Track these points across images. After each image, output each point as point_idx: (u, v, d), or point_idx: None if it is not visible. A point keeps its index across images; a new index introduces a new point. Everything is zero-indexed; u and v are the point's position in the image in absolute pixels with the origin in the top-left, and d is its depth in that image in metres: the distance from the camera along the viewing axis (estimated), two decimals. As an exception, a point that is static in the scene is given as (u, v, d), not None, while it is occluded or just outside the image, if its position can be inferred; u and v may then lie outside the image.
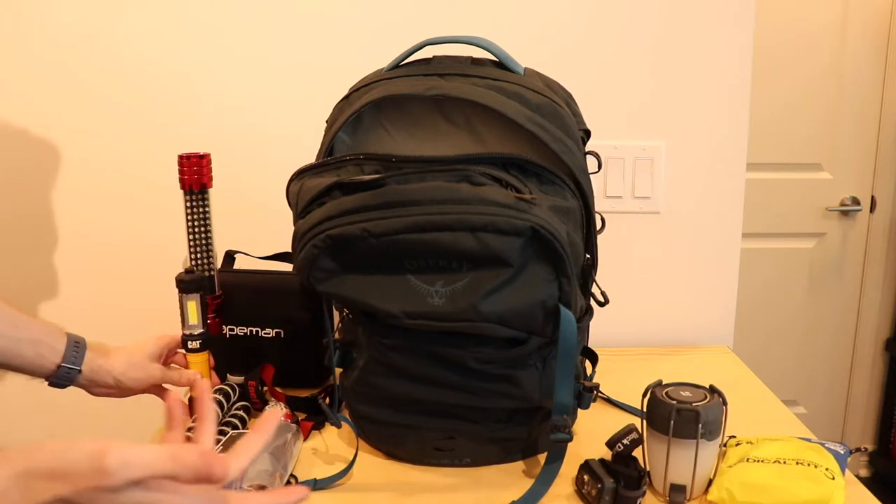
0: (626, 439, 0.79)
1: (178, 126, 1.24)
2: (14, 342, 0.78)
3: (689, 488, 0.80)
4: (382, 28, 1.20)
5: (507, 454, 0.90)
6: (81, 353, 0.83)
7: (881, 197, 2.36)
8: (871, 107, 2.29)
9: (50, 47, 1.22)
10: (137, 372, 0.88)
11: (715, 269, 1.30)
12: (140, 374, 0.88)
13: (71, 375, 0.82)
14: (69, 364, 0.81)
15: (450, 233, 0.74)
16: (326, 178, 0.80)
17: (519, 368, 0.84)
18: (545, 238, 0.74)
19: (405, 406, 0.87)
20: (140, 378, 0.88)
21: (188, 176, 0.97)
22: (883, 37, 2.24)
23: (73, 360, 0.82)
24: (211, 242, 1.01)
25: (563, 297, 0.78)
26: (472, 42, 0.86)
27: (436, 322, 0.78)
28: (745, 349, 1.37)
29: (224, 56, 1.22)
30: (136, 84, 1.23)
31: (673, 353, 1.28)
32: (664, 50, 1.22)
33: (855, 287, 2.43)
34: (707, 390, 0.82)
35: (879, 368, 2.49)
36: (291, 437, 0.88)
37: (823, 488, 0.75)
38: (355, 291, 0.79)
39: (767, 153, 2.27)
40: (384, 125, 0.86)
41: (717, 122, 1.25)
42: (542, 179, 0.80)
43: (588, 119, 0.91)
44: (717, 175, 1.26)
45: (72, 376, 0.82)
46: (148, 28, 1.21)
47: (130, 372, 0.87)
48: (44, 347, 0.80)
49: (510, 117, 0.80)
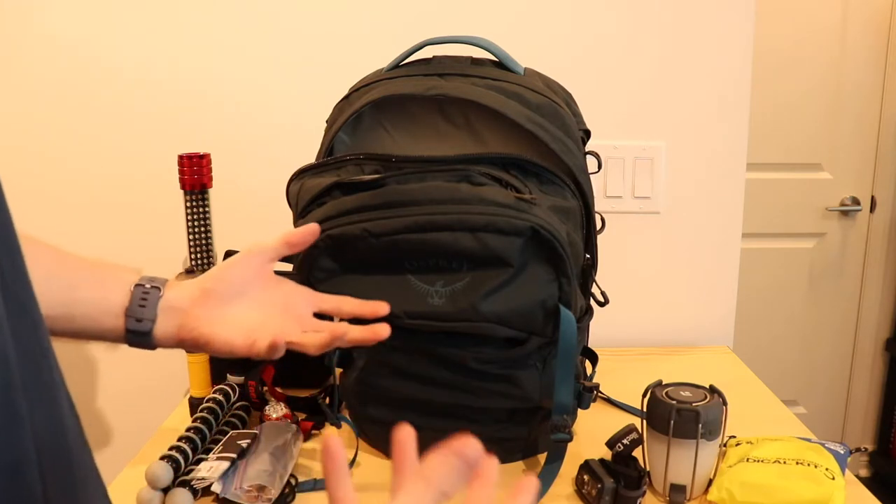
0: (626, 439, 0.79)
1: (177, 126, 1.24)
2: (69, 308, 0.59)
3: (689, 488, 0.80)
4: (382, 28, 1.21)
5: (507, 454, 0.90)
6: (153, 300, 0.62)
7: (881, 197, 2.36)
8: (871, 107, 2.29)
9: (49, 47, 1.22)
10: (263, 282, 0.66)
11: (715, 269, 1.30)
12: (270, 282, 0.66)
13: (143, 329, 0.61)
14: (135, 315, 0.61)
15: (450, 233, 0.74)
16: (326, 178, 0.80)
17: (519, 368, 0.84)
18: (545, 238, 0.74)
19: (405, 406, 0.87)
20: (272, 290, 0.66)
21: (188, 176, 0.97)
22: (883, 37, 2.24)
23: (139, 312, 0.61)
24: (211, 242, 1.01)
25: (563, 297, 0.78)
26: (472, 42, 0.86)
27: (436, 322, 0.77)
28: (745, 349, 1.37)
29: (224, 56, 1.22)
30: (136, 84, 1.23)
31: (673, 353, 1.28)
32: (664, 50, 1.22)
33: (855, 287, 2.43)
34: (707, 390, 0.82)
35: (879, 368, 2.49)
36: (291, 437, 0.88)
37: (823, 488, 0.75)
38: (355, 291, 0.78)
39: (767, 153, 2.27)
40: (384, 125, 0.86)
41: (717, 122, 1.25)
42: (542, 179, 0.80)
43: (588, 119, 0.91)
44: (717, 175, 1.27)
45: (144, 330, 0.61)
46: (148, 28, 1.21)
47: (250, 286, 0.65)
48: (97, 307, 0.61)
49: (510, 117, 0.80)
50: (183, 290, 0.64)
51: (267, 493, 0.78)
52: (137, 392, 1.30)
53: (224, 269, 0.66)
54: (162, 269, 1.15)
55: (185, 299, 0.63)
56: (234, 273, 0.66)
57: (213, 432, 0.90)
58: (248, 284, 0.66)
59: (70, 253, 0.63)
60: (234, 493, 0.78)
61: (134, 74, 1.23)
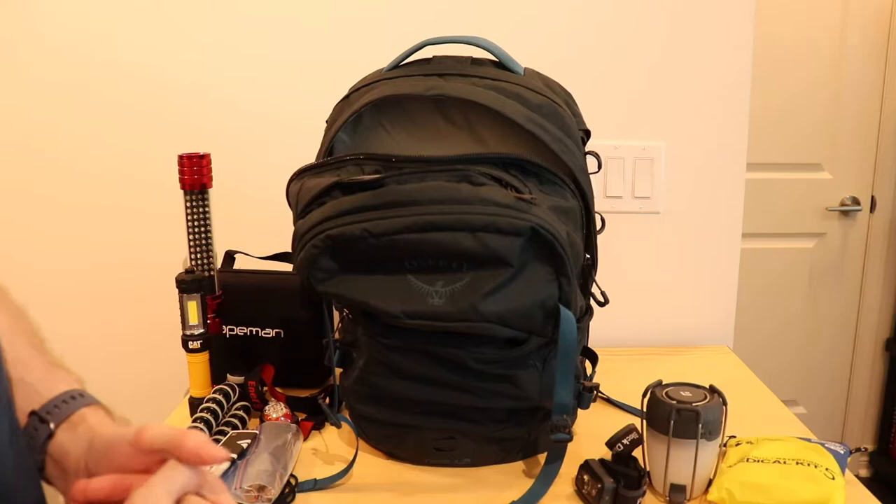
0: (626, 439, 0.79)
1: (177, 126, 1.25)
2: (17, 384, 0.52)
3: (689, 488, 0.80)
4: (382, 28, 1.21)
5: (507, 454, 0.90)
6: (68, 409, 0.54)
7: (881, 197, 2.36)
8: (871, 107, 2.29)
9: (49, 47, 1.22)
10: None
11: (715, 269, 1.30)
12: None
13: (39, 432, 0.52)
14: (42, 412, 0.53)
15: (450, 233, 0.74)
16: (326, 178, 0.80)
17: (519, 368, 0.84)
18: (545, 238, 0.74)
19: (405, 406, 0.87)
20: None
21: (188, 176, 0.97)
22: (883, 37, 2.24)
23: (48, 412, 0.53)
24: (211, 242, 1.01)
25: (563, 297, 0.78)
26: (472, 42, 0.86)
27: (436, 322, 0.77)
28: (745, 349, 1.37)
29: (224, 56, 1.22)
30: (135, 84, 1.23)
31: (673, 353, 1.28)
32: (664, 50, 1.22)
33: (855, 287, 2.43)
34: (707, 390, 0.82)
35: (879, 368, 2.49)
36: (291, 437, 0.88)
37: (823, 488, 0.75)
38: (355, 291, 0.79)
39: (767, 153, 2.27)
40: (384, 125, 0.86)
41: (717, 122, 1.25)
42: (542, 179, 0.80)
43: (588, 119, 0.91)
44: (717, 175, 1.26)
45: (39, 434, 0.52)
46: (148, 28, 1.21)
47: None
48: (28, 390, 0.54)
49: (510, 117, 0.80)
50: (78, 441, 0.53)
51: (267, 493, 0.78)
52: (137, 392, 1.30)
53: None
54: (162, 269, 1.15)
55: (76, 454, 0.53)
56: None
57: (213, 432, 0.90)
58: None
59: (21, 331, 0.59)
60: (234, 493, 0.78)
61: (134, 74, 1.23)
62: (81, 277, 1.31)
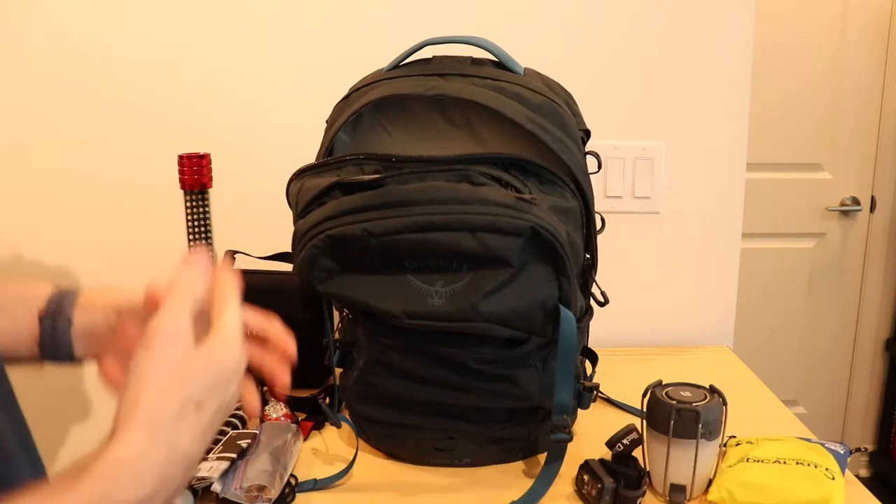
0: (626, 439, 0.79)
1: (177, 126, 1.24)
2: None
3: (689, 488, 0.80)
4: (382, 28, 1.21)
5: (507, 454, 0.90)
6: (63, 330, 0.57)
7: (881, 197, 2.36)
8: (871, 107, 2.29)
9: (48, 47, 1.22)
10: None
11: (715, 269, 1.30)
12: None
13: (59, 331, 0.56)
14: (50, 355, 0.57)
15: (450, 233, 0.74)
16: (326, 178, 0.80)
17: (519, 368, 0.84)
18: (545, 238, 0.74)
19: (405, 406, 0.87)
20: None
21: (188, 176, 0.97)
22: (883, 37, 2.24)
23: (54, 311, 0.56)
24: (211, 242, 1.01)
25: (563, 297, 0.78)
26: (472, 42, 0.86)
27: (436, 322, 0.77)
28: (745, 349, 1.37)
29: (224, 56, 1.22)
30: (135, 84, 1.23)
31: (673, 353, 1.28)
32: (664, 50, 1.22)
33: (855, 287, 2.43)
34: (707, 390, 0.82)
35: (879, 368, 2.49)
36: (291, 437, 0.88)
37: (823, 488, 0.75)
38: (355, 291, 0.79)
39: (767, 153, 2.27)
40: (384, 125, 0.86)
41: (717, 122, 1.25)
42: (542, 179, 0.80)
43: (588, 119, 0.91)
44: (717, 175, 1.26)
45: (60, 332, 0.56)
46: (148, 28, 1.21)
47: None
48: (11, 339, 0.57)
49: (510, 117, 0.80)
50: (97, 314, 0.59)
51: (267, 493, 0.78)
52: (137, 392, 1.30)
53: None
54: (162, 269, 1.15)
55: (101, 325, 0.59)
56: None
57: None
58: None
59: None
60: (234, 493, 0.78)
61: (134, 74, 1.23)
62: (81, 277, 1.31)
